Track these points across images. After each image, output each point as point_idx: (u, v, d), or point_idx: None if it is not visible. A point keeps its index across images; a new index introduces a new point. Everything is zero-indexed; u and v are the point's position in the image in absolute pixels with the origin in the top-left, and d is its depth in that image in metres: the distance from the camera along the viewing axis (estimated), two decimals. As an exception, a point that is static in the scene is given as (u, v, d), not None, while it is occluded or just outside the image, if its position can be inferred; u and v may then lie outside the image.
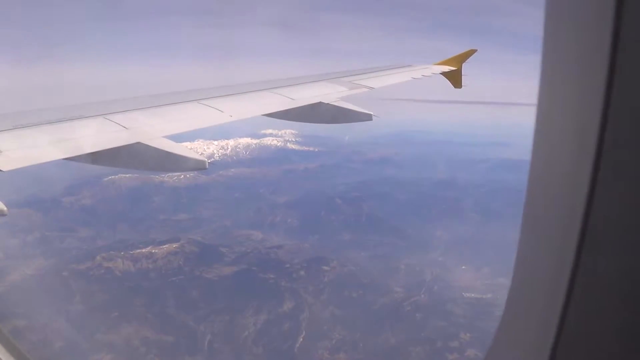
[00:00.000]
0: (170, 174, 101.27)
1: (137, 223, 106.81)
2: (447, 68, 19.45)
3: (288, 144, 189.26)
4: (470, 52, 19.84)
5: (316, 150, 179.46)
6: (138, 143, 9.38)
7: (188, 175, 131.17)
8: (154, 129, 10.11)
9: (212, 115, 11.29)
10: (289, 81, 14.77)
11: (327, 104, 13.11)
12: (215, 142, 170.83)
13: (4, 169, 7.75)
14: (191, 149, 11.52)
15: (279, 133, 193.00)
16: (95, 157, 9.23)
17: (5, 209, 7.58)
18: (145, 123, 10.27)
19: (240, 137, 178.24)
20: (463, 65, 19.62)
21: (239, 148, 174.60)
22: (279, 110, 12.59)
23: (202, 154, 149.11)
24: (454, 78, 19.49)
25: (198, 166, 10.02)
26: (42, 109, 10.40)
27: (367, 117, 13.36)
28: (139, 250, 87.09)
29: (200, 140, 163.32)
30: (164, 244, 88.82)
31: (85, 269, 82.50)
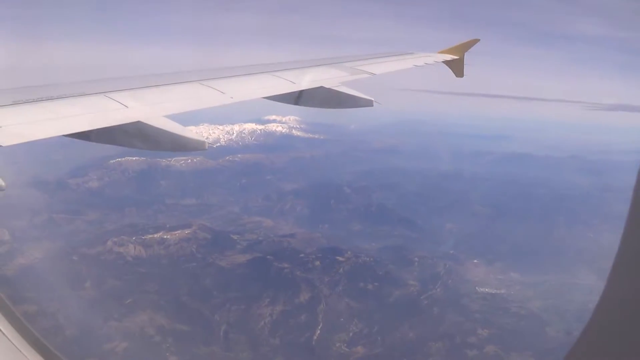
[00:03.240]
0: (170, 153, 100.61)
1: (145, 207, 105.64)
2: (449, 56, 19.39)
3: (293, 131, 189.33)
4: (473, 42, 19.76)
5: (321, 137, 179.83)
6: (138, 122, 9.16)
7: (195, 160, 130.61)
8: (155, 108, 9.93)
9: (213, 95, 11.14)
10: (291, 65, 14.57)
11: (328, 88, 12.97)
12: (220, 127, 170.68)
13: (4, 144, 7.45)
14: (196, 132, 10.89)
15: (283, 119, 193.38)
16: (95, 135, 8.99)
17: (3, 183, 7.41)
18: (146, 102, 10.08)
19: (244, 122, 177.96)
20: (465, 54, 19.53)
21: (245, 133, 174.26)
22: (279, 93, 12.43)
23: (207, 138, 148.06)
24: (456, 67, 19.47)
25: (198, 147, 9.73)
26: (41, 86, 10.07)
27: (368, 103, 13.06)
28: (150, 236, 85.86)
29: (205, 124, 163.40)
30: (176, 230, 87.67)
31: (96, 254, 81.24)
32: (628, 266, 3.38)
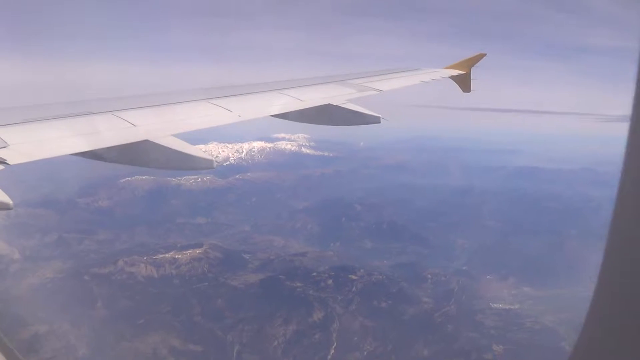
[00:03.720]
0: (180, 172, 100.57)
1: (155, 226, 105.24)
2: (456, 72, 19.32)
3: (302, 149, 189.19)
4: (480, 56, 19.64)
5: (330, 155, 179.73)
6: (146, 141, 9.15)
7: (205, 178, 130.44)
8: (163, 127, 9.93)
9: (221, 114, 11.14)
10: (298, 82, 14.53)
11: (336, 105, 12.94)
12: (230, 145, 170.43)
13: (12, 162, 7.49)
14: (205, 151, 11.11)
15: (292, 137, 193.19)
16: (104, 154, 9.01)
17: (10, 202, 6.98)
18: (154, 121, 10.08)
19: (253, 140, 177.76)
20: (472, 69, 19.43)
21: (254, 152, 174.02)
22: (287, 111, 12.37)
23: (216, 156, 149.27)
24: (463, 82, 19.41)
25: (206, 165, 9.72)
26: (51, 104, 10.26)
27: (376, 120, 12.96)
28: (161, 255, 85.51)
29: (215, 142, 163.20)
30: (187, 249, 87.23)
31: (107, 273, 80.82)
32: (614, 272, 3.57)
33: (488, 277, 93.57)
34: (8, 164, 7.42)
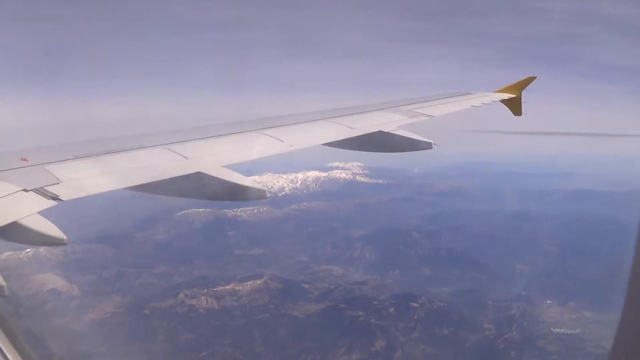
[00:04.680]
0: (236, 204, 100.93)
1: (213, 258, 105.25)
2: (506, 95, 19.31)
3: (357, 177, 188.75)
4: (530, 79, 19.60)
5: (385, 182, 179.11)
6: (198, 172, 9.35)
7: (261, 209, 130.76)
8: (214, 158, 10.14)
9: (272, 144, 11.28)
10: (348, 110, 14.74)
11: (387, 132, 13.08)
12: (284, 176, 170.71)
13: (65, 198, 7.61)
14: (259, 182, 11.63)
15: (346, 165, 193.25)
16: (156, 187, 9.10)
17: (65, 237, 7.29)
18: (206, 153, 10.33)
19: (307, 170, 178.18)
20: (523, 92, 19.38)
21: (309, 181, 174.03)
22: (338, 139, 12.51)
23: (272, 187, 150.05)
24: (514, 105, 19.33)
25: (259, 195, 9.92)
26: (101, 139, 10.55)
27: (428, 146, 13.03)
28: (221, 287, 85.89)
29: (269, 173, 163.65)
30: (247, 281, 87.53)
31: (168, 307, 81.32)
32: None
33: (548, 301, 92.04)
34: (61, 199, 7.54)
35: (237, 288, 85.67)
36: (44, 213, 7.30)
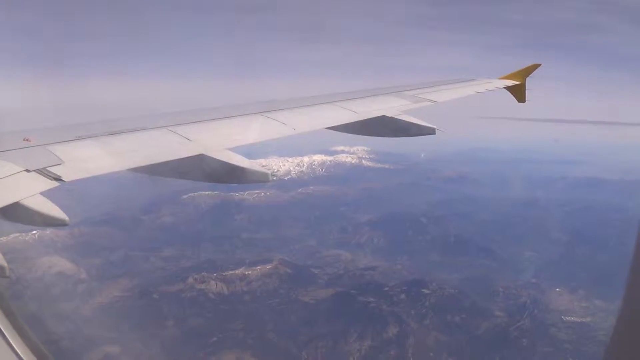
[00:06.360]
0: (242, 186, 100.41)
1: (221, 242, 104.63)
2: (510, 82, 19.49)
3: (363, 161, 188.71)
4: (534, 67, 19.69)
5: (391, 167, 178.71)
6: (201, 155, 9.36)
7: (268, 193, 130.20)
8: (217, 140, 10.13)
9: (275, 127, 11.35)
10: (352, 94, 14.80)
11: (391, 117, 13.17)
12: (290, 159, 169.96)
13: (67, 179, 7.67)
14: (265, 165, 10.48)
15: (352, 150, 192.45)
16: (159, 169, 9.19)
17: (66, 218, 7.38)
18: (209, 135, 10.32)
19: (313, 153, 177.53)
20: (527, 79, 19.53)
21: (314, 165, 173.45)
22: (342, 123, 12.64)
23: (277, 170, 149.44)
24: (518, 92, 19.55)
25: (261, 178, 9.88)
26: (104, 121, 10.55)
27: (431, 131, 13.15)
28: (231, 272, 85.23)
29: (274, 157, 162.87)
30: (256, 265, 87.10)
31: (177, 291, 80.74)
32: None
33: (557, 289, 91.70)
34: (63, 180, 7.59)
35: (246, 272, 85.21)
36: (47, 194, 7.39)
